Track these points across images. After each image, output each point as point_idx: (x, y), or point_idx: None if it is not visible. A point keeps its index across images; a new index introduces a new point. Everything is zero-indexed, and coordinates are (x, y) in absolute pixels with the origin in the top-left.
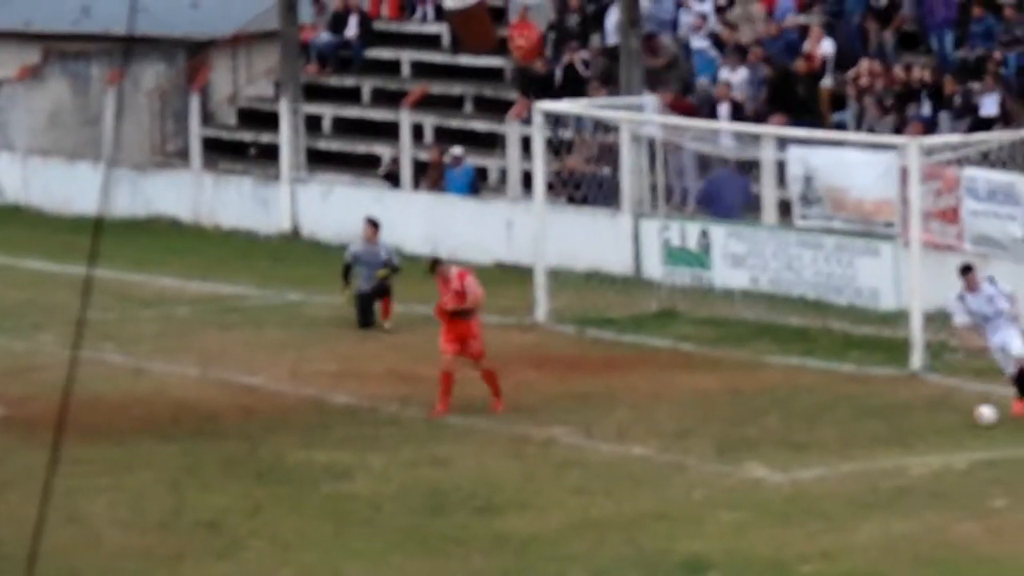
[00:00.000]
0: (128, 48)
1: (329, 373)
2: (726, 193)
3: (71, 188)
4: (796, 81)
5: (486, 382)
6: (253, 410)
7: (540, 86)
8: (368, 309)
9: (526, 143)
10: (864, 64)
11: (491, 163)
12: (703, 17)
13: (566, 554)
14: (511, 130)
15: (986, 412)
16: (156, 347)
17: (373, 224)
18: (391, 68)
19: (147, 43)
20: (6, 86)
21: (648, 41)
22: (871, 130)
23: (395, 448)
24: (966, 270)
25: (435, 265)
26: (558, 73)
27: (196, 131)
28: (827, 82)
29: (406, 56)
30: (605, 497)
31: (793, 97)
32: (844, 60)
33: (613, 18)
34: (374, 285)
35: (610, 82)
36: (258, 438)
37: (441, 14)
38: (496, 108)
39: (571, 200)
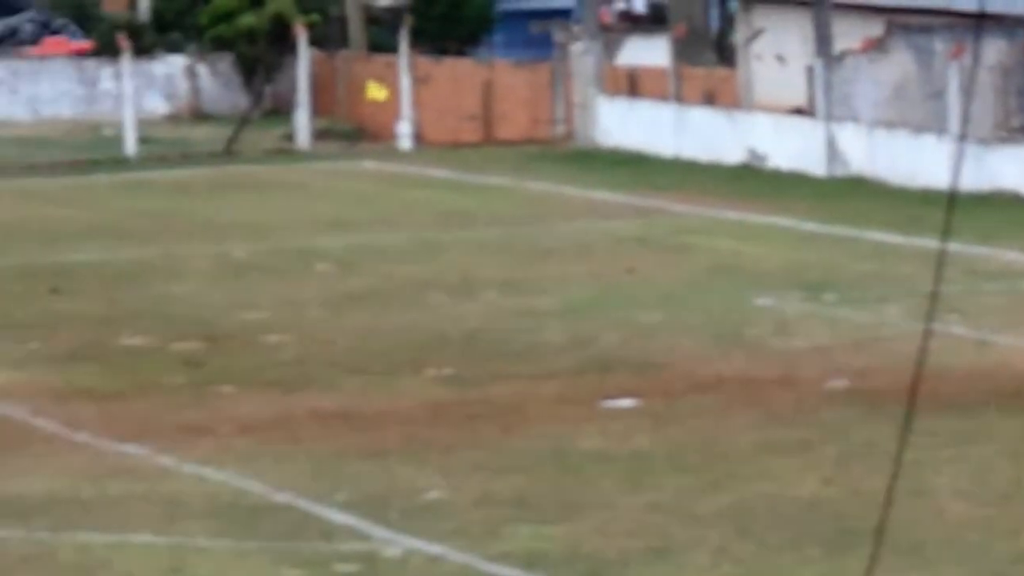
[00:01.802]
0: (978, 24)
1: None
2: None
3: (916, 161)
4: None
5: None
6: None
7: None
8: None
9: None
10: None
11: None
12: None
13: None
14: None
15: None
16: (1002, 321)
17: None
18: None
19: (991, 19)
20: (850, 58)
21: None
22: None
23: None
24: None
25: None
26: None
27: None
28: None
29: None
30: None
31: None
32: None
33: None
34: None
35: None
36: None
37: None
38: None
39: None
